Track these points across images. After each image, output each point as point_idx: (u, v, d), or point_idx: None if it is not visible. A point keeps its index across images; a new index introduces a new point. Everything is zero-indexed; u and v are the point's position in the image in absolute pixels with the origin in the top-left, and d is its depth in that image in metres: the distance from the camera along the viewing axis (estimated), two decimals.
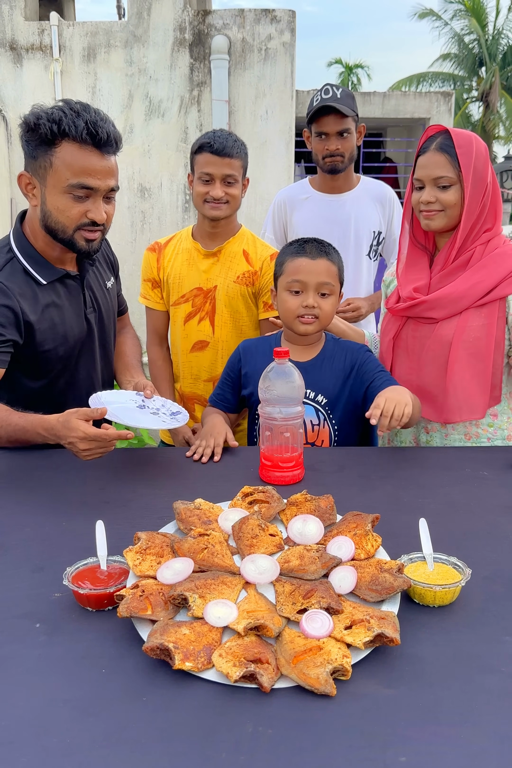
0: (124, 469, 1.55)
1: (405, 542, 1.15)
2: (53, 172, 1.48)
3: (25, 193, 1.56)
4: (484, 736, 0.75)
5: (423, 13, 22.10)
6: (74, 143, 1.47)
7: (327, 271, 1.71)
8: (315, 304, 1.70)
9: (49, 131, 1.45)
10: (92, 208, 1.52)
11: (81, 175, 1.48)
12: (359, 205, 2.49)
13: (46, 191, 1.51)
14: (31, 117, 1.48)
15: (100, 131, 1.47)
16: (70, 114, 1.46)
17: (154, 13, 5.38)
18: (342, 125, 2.34)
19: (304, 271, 1.70)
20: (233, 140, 2.04)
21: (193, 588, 0.96)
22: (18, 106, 5.33)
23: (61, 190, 1.49)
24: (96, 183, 1.50)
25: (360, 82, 27.41)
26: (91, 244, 1.57)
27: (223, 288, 2.14)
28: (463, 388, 1.72)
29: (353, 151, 2.43)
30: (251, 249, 2.18)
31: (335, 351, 1.80)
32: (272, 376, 1.46)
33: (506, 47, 21.58)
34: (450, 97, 7.08)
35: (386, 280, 1.99)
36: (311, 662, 0.84)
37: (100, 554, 1.07)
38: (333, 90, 2.36)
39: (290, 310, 1.73)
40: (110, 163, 1.52)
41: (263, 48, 5.45)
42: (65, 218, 1.52)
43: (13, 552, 1.16)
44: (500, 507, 1.35)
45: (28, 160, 1.53)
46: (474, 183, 1.65)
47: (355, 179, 2.55)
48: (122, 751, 0.73)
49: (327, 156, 2.39)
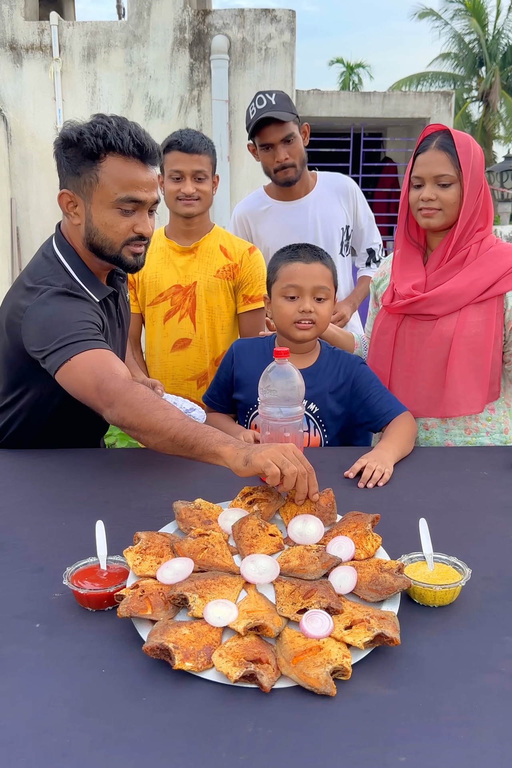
0: (124, 469, 1.55)
1: (405, 542, 1.15)
2: (100, 188, 1.45)
3: (66, 212, 1.52)
4: (484, 736, 0.75)
5: (424, 12, 22.10)
6: (120, 157, 1.44)
7: (322, 274, 1.70)
8: (312, 309, 1.68)
9: (94, 145, 1.42)
10: (139, 222, 1.49)
11: (129, 188, 1.45)
12: (322, 206, 2.43)
13: (92, 208, 1.48)
14: (72, 132, 1.44)
15: (145, 143, 1.45)
16: (113, 127, 1.44)
17: (154, 12, 5.38)
18: (285, 131, 2.24)
19: (300, 276, 1.68)
20: (200, 137, 2.08)
21: (193, 588, 0.96)
22: (18, 106, 5.33)
23: (109, 204, 1.46)
24: (143, 196, 1.48)
25: (362, 81, 27.42)
26: (137, 258, 1.55)
27: (203, 283, 2.16)
28: (462, 382, 1.74)
29: (303, 155, 2.34)
30: (228, 244, 2.22)
31: (330, 361, 1.79)
32: (272, 376, 1.46)
33: (506, 47, 21.57)
34: (450, 97, 7.08)
35: (375, 281, 2.00)
36: (311, 662, 0.84)
37: (100, 554, 1.07)
38: (266, 98, 2.26)
39: (286, 316, 1.70)
40: (154, 175, 1.51)
41: (263, 48, 5.45)
42: (113, 234, 1.49)
43: (13, 552, 1.16)
44: (500, 507, 1.35)
45: (70, 177, 1.49)
46: (472, 182, 1.68)
47: (312, 179, 2.47)
48: (122, 751, 0.73)
49: (279, 168, 2.30)
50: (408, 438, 1.65)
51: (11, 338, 1.54)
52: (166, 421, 1.27)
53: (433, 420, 1.82)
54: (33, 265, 1.58)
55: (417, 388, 1.79)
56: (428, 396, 1.78)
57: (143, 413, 1.28)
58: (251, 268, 2.20)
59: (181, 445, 1.26)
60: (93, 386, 1.34)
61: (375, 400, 1.72)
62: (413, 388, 1.80)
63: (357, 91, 14.88)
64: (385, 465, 1.49)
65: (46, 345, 1.41)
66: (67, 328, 1.39)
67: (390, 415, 1.70)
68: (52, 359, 1.39)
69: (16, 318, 1.50)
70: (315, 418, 1.76)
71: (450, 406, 1.76)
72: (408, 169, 1.77)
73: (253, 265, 2.21)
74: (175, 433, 1.25)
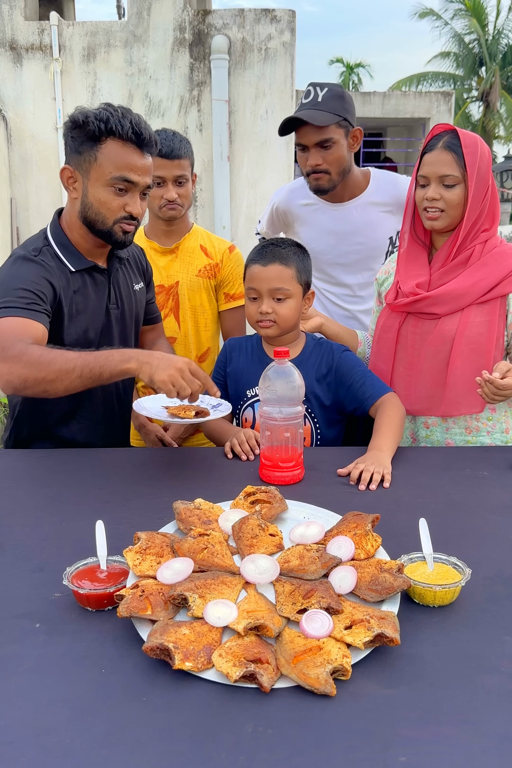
0: (124, 469, 1.55)
1: (405, 542, 1.15)
2: (97, 166, 1.57)
3: (66, 186, 1.64)
4: (484, 736, 0.75)
5: (424, 12, 22.10)
6: (119, 141, 1.56)
7: (278, 276, 1.72)
8: (270, 310, 1.72)
9: (96, 128, 1.55)
10: (130, 202, 1.60)
11: (123, 169, 1.57)
12: (367, 213, 2.19)
13: (89, 184, 1.60)
14: (79, 115, 1.58)
15: (143, 131, 1.58)
16: (116, 114, 1.57)
17: (154, 12, 5.38)
18: (322, 135, 2.02)
19: (257, 279, 1.74)
20: (179, 140, 2.08)
21: (193, 588, 0.96)
22: (18, 106, 5.33)
23: (104, 182, 1.58)
24: (136, 178, 1.59)
25: (362, 81, 27.41)
26: (126, 236, 1.64)
27: (185, 282, 2.19)
28: (464, 382, 1.75)
29: (342, 163, 2.09)
30: (208, 243, 2.24)
31: (314, 352, 1.83)
32: (272, 376, 1.46)
33: (506, 47, 21.57)
34: (450, 97, 7.08)
35: (379, 279, 2.00)
36: (311, 662, 0.84)
37: (100, 554, 1.07)
38: (315, 91, 2.05)
39: (250, 316, 1.79)
40: (149, 162, 1.62)
41: (263, 48, 5.45)
42: (106, 210, 1.60)
43: (13, 552, 1.16)
44: (500, 507, 1.35)
45: (72, 155, 1.61)
46: (477, 183, 1.68)
47: (363, 180, 2.22)
48: (122, 751, 0.73)
49: (311, 172, 2.09)
50: (398, 425, 1.66)
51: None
52: (68, 363, 1.38)
53: (434, 418, 1.82)
54: None
55: (418, 387, 1.80)
56: (429, 394, 1.79)
57: (45, 364, 1.38)
58: (231, 266, 2.22)
59: (90, 377, 1.39)
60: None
61: (358, 385, 1.75)
62: (414, 386, 1.81)
63: (357, 91, 14.88)
64: (383, 466, 1.49)
65: None
66: (6, 293, 1.50)
67: (373, 397, 1.72)
68: None
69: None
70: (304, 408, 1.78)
71: (451, 406, 1.76)
72: (415, 167, 1.77)
73: (233, 264, 2.23)
74: (80, 371, 1.38)
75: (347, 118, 2.05)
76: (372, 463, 1.49)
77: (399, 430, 1.66)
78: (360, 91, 8.59)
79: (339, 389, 1.78)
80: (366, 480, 1.44)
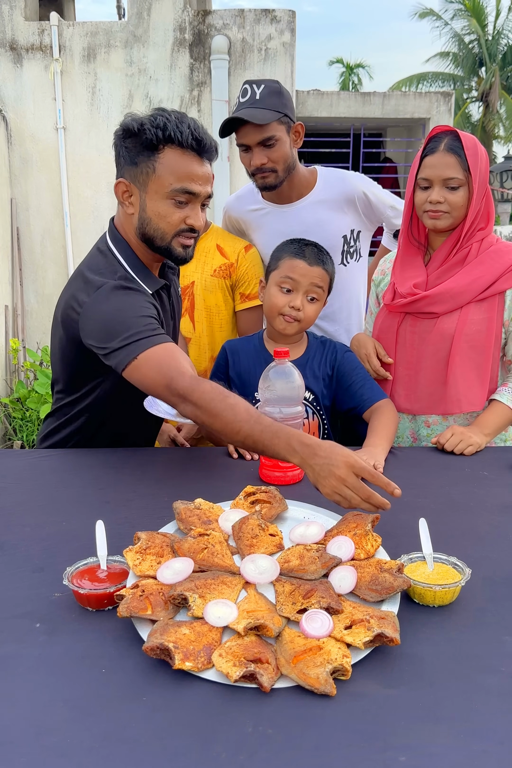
0: (124, 469, 1.55)
1: (405, 542, 1.15)
2: (156, 178, 1.47)
3: (121, 201, 1.54)
4: (484, 736, 0.75)
5: (424, 12, 22.09)
6: (178, 149, 1.46)
7: (320, 277, 1.76)
8: (301, 307, 1.74)
9: (154, 136, 1.44)
10: (191, 215, 1.51)
11: (184, 180, 1.47)
12: (316, 212, 2.13)
13: (147, 197, 1.50)
14: (133, 123, 1.47)
15: (204, 137, 1.48)
16: (173, 120, 1.47)
17: (154, 13, 5.38)
18: (263, 134, 1.94)
19: (299, 273, 1.74)
20: None
21: (193, 588, 0.96)
22: (18, 106, 5.33)
23: (164, 195, 1.48)
24: (197, 188, 1.49)
25: (362, 81, 27.41)
26: (186, 251, 1.56)
27: (200, 283, 2.16)
28: (464, 380, 1.76)
29: (287, 160, 2.02)
30: (224, 243, 2.21)
31: (318, 351, 1.85)
32: (272, 376, 1.46)
33: (506, 47, 21.57)
34: (450, 97, 7.08)
35: (375, 280, 2.01)
36: (311, 662, 0.84)
37: (100, 554, 1.07)
38: (251, 89, 1.97)
39: (276, 306, 1.76)
40: (209, 170, 1.53)
41: (263, 48, 5.45)
42: (165, 224, 1.50)
43: (13, 552, 1.16)
44: (500, 507, 1.35)
45: (127, 167, 1.50)
46: (480, 185, 1.69)
47: (310, 178, 2.16)
48: (122, 751, 0.73)
49: (256, 171, 2.03)
50: (392, 430, 1.70)
51: (67, 332, 1.55)
52: (234, 424, 1.28)
53: (435, 417, 1.83)
54: (89, 258, 1.60)
55: (418, 386, 1.81)
56: (430, 393, 1.80)
57: (213, 414, 1.30)
58: (247, 266, 2.20)
59: (253, 448, 1.29)
60: (163, 384, 1.36)
61: (357, 387, 1.77)
62: (415, 386, 1.82)
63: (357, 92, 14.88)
64: (375, 459, 1.52)
65: (108, 343, 1.42)
66: (129, 326, 1.41)
67: (370, 401, 1.75)
68: (118, 357, 1.41)
69: (73, 312, 1.51)
70: (312, 404, 1.81)
71: (452, 404, 1.78)
72: (413, 170, 1.76)
73: (250, 264, 2.20)
74: (243, 438, 1.28)
75: (287, 113, 2.00)
76: (367, 460, 1.50)
77: (393, 434, 1.69)
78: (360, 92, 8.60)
79: (337, 388, 1.81)
80: None
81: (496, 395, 1.78)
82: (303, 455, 1.19)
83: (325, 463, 1.15)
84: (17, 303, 5.35)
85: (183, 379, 1.34)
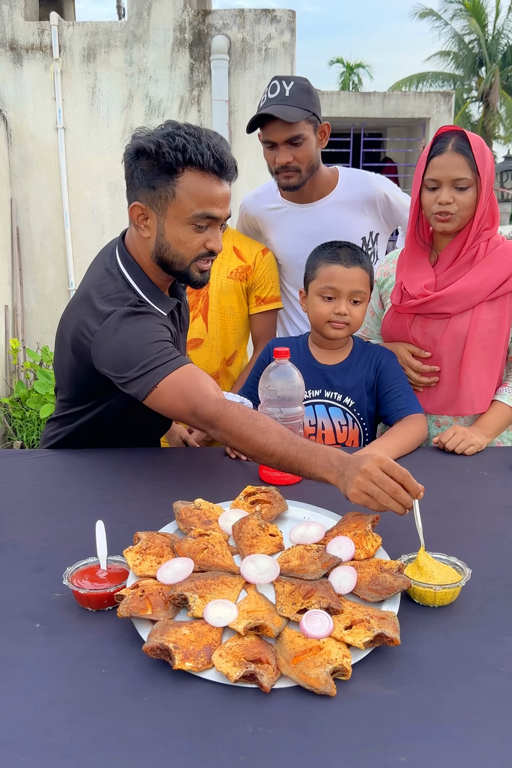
0: (124, 469, 1.55)
1: (405, 542, 1.15)
2: (176, 203, 1.40)
3: (137, 225, 1.47)
4: (484, 736, 0.75)
5: (424, 12, 22.10)
6: (198, 172, 1.39)
7: (360, 279, 1.72)
8: (347, 312, 1.71)
9: (173, 159, 1.36)
10: (211, 238, 1.46)
11: (206, 205, 1.41)
12: (337, 212, 2.13)
13: (166, 222, 1.43)
14: (149, 144, 1.37)
15: (226, 160, 1.41)
16: (192, 140, 1.38)
17: (154, 13, 5.38)
18: (292, 132, 1.93)
19: (338, 279, 1.71)
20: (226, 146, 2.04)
21: (193, 588, 0.96)
22: (18, 106, 5.32)
23: (184, 221, 1.42)
24: (219, 212, 1.43)
25: (362, 81, 27.41)
26: (204, 275, 1.51)
27: (215, 284, 2.15)
28: (477, 380, 1.77)
29: (312, 160, 2.02)
30: (240, 245, 2.19)
31: (362, 356, 1.81)
32: (272, 376, 1.46)
33: (506, 47, 21.58)
34: (450, 97, 7.08)
35: (379, 281, 2.00)
36: (311, 662, 0.84)
37: (100, 554, 1.07)
38: (281, 85, 1.94)
39: (322, 315, 1.74)
40: (228, 190, 1.46)
41: (263, 48, 5.45)
42: (185, 250, 1.45)
43: (13, 552, 1.16)
44: (500, 507, 1.35)
45: (143, 189, 1.42)
46: (486, 185, 1.69)
47: (332, 178, 2.15)
48: (122, 751, 0.73)
49: (280, 170, 2.02)
50: (410, 439, 1.65)
51: (78, 357, 1.52)
52: (267, 447, 1.24)
53: (446, 417, 1.84)
54: (98, 280, 1.52)
55: (431, 387, 1.81)
56: (442, 394, 1.81)
57: (244, 439, 1.27)
58: (264, 269, 2.17)
59: (288, 469, 1.24)
60: (188, 412, 1.33)
61: (394, 395, 1.74)
62: (427, 387, 1.82)
63: (357, 92, 14.88)
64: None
65: (125, 372, 1.38)
66: (144, 353, 1.37)
67: (404, 411, 1.71)
68: (136, 386, 1.38)
69: (84, 339, 1.47)
70: (352, 411, 1.78)
71: (465, 405, 1.79)
72: (419, 170, 1.75)
73: (266, 267, 2.18)
74: (278, 460, 1.24)
75: (315, 113, 1.99)
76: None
77: (407, 445, 1.64)
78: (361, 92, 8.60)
79: (379, 392, 1.78)
80: None
81: (497, 396, 1.78)
82: (339, 468, 1.15)
83: (354, 466, 1.12)
84: (17, 303, 5.35)
85: (209, 405, 1.30)
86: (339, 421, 1.78)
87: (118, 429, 1.67)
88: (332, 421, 1.78)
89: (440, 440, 1.67)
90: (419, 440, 1.68)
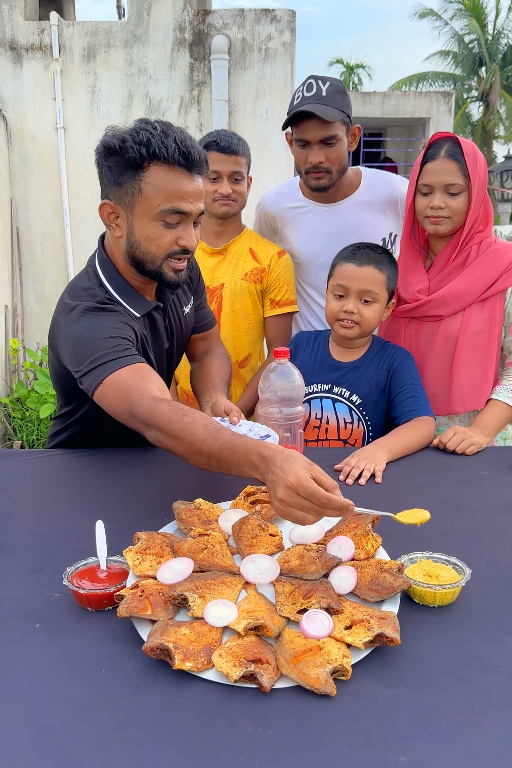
0: (124, 469, 1.55)
1: (405, 542, 1.15)
2: (143, 199, 1.37)
3: (108, 224, 1.45)
4: (484, 736, 0.75)
5: (424, 12, 22.10)
6: (164, 166, 1.35)
7: (371, 278, 1.71)
8: (355, 310, 1.71)
9: (137, 154, 1.33)
10: (183, 235, 1.41)
11: (174, 199, 1.36)
12: (359, 213, 2.12)
13: (134, 220, 1.40)
14: (113, 140, 1.36)
15: (192, 151, 1.36)
16: (157, 134, 1.35)
17: (153, 12, 5.38)
18: (327, 132, 1.92)
19: (348, 277, 1.72)
20: (237, 138, 2.06)
21: (193, 588, 0.96)
22: (18, 106, 5.32)
23: (152, 217, 1.38)
24: (189, 207, 1.38)
25: (362, 81, 27.42)
26: (179, 275, 1.47)
27: (230, 286, 2.14)
28: (468, 379, 1.79)
29: (342, 162, 2.02)
30: (257, 247, 2.18)
31: (378, 355, 1.80)
32: (272, 376, 1.46)
33: (506, 47, 21.58)
34: (450, 97, 7.08)
35: None
36: (311, 662, 0.84)
37: (100, 554, 1.07)
38: (317, 85, 1.93)
39: (331, 312, 1.76)
40: (199, 185, 1.41)
41: (263, 48, 5.45)
42: (155, 247, 1.41)
43: (13, 552, 1.16)
44: (500, 507, 1.35)
45: (111, 187, 1.40)
46: (478, 190, 1.71)
47: (355, 178, 2.15)
48: (122, 751, 0.73)
49: (311, 170, 2.00)
50: (415, 440, 1.64)
51: (54, 351, 1.54)
52: (194, 444, 1.16)
53: (440, 418, 1.86)
54: (75, 279, 1.54)
55: (426, 388, 1.82)
56: (436, 395, 1.82)
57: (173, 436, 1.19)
58: (279, 272, 2.15)
59: (217, 468, 1.17)
60: (126, 411, 1.27)
61: (405, 396, 1.73)
62: None
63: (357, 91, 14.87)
64: (375, 462, 1.49)
65: (79, 366, 1.37)
66: (96, 348, 1.34)
67: (413, 413, 1.70)
68: (87, 381, 1.35)
69: (53, 334, 1.50)
70: (357, 409, 1.78)
71: (456, 403, 1.80)
72: (413, 176, 1.78)
73: (282, 270, 2.16)
74: (207, 458, 1.16)
75: (349, 114, 1.99)
76: (365, 459, 1.49)
77: (410, 446, 1.64)
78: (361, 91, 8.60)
79: (391, 392, 1.77)
80: (354, 476, 1.45)
81: (493, 394, 1.78)
82: (262, 470, 1.06)
83: (279, 471, 1.01)
84: (17, 303, 5.35)
85: (142, 402, 1.23)
86: (344, 418, 1.78)
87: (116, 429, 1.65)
88: (337, 417, 1.78)
89: (440, 440, 1.68)
90: (424, 442, 1.68)
